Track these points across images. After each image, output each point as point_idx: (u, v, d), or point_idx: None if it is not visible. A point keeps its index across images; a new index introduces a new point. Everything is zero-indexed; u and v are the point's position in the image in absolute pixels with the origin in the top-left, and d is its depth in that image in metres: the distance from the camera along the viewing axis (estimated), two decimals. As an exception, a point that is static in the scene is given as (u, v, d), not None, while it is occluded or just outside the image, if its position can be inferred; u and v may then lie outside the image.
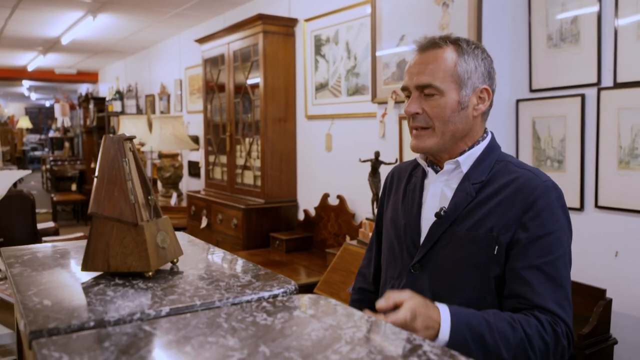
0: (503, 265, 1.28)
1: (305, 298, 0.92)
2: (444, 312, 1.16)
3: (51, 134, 14.87)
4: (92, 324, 0.82)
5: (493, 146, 1.39)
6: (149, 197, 1.12)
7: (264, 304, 0.91)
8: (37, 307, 0.89)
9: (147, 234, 1.04)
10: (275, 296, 0.97)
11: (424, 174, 1.43)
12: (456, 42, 1.34)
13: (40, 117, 20.42)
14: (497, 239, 1.26)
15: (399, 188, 1.49)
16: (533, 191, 1.27)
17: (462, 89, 1.31)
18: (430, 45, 1.34)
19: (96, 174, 1.04)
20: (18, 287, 1.00)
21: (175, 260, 1.15)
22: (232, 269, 1.14)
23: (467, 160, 1.35)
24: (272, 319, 0.83)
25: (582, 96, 2.37)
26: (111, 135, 1.07)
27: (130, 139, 1.09)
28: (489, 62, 1.38)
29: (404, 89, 1.37)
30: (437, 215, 1.32)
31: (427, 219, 1.36)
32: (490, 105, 1.39)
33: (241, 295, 0.95)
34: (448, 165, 1.36)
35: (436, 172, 1.40)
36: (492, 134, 1.43)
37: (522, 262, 1.24)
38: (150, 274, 1.05)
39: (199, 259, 1.27)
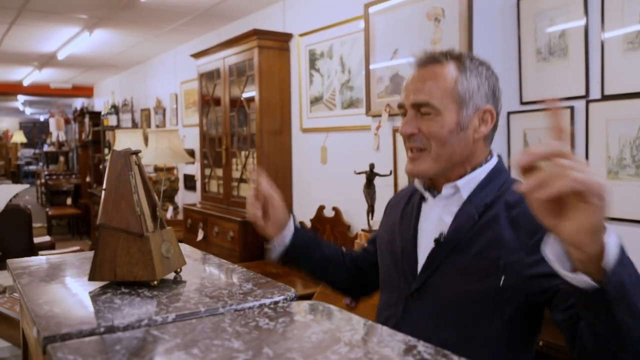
0: (513, 302, 1.13)
1: (305, 304, 0.97)
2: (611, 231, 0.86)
3: (45, 148, 14.89)
4: (102, 329, 0.86)
5: (500, 169, 1.27)
6: (154, 209, 1.16)
7: (266, 309, 0.95)
8: (48, 314, 0.93)
9: (152, 245, 1.08)
10: (276, 303, 1.01)
11: (422, 198, 1.34)
12: (458, 58, 1.24)
13: (35, 131, 20.44)
14: (504, 269, 1.11)
15: (397, 212, 1.41)
16: None
17: (463, 109, 1.21)
18: (429, 61, 1.25)
19: (104, 186, 1.08)
20: (28, 297, 1.04)
21: (178, 269, 1.19)
22: (233, 278, 1.18)
23: (468, 184, 1.25)
24: (274, 323, 0.87)
25: (571, 108, 2.43)
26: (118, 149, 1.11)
27: (136, 153, 1.14)
28: (494, 81, 1.27)
29: (400, 106, 1.29)
30: (436, 241, 1.23)
31: (424, 245, 1.27)
32: (495, 129, 1.28)
33: (243, 302, 0.99)
34: (446, 190, 1.26)
35: (434, 196, 1.30)
36: (499, 157, 1.31)
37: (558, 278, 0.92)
38: (155, 282, 1.09)
39: (201, 268, 1.32)
